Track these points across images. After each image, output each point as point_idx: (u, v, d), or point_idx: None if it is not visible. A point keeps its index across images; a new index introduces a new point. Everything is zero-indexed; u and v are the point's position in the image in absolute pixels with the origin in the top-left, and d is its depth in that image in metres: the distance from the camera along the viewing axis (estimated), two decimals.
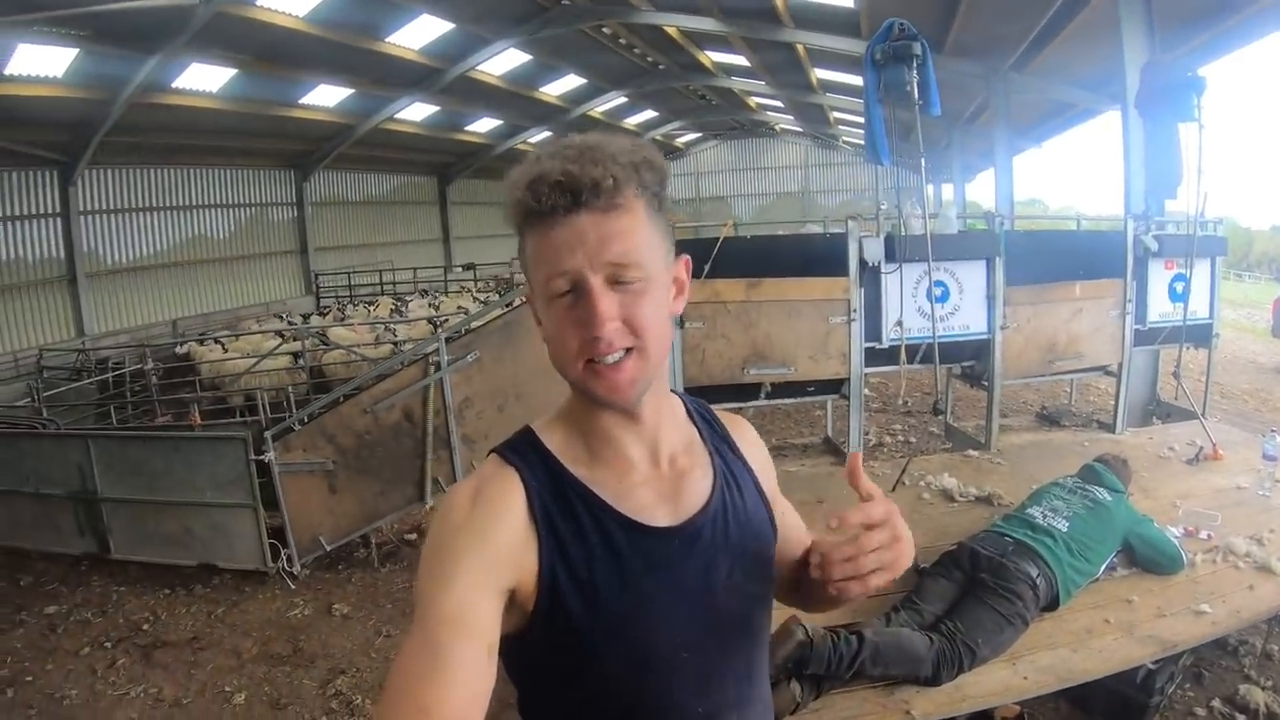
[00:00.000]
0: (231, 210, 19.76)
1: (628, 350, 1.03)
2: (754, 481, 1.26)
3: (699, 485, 1.18)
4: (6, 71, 11.59)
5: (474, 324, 6.47)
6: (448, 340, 5.89)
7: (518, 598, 1.05)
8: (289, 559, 5.96)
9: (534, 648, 1.08)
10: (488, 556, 1.02)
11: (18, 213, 14.48)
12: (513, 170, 1.04)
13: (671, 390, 1.23)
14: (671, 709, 1.12)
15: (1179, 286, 6.28)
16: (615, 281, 1.01)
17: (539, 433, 1.16)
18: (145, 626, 5.52)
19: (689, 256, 1.15)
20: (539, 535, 1.06)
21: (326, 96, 17.50)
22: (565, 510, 1.08)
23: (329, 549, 6.08)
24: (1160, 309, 6.35)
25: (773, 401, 5.76)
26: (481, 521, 1.04)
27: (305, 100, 17.24)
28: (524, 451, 1.13)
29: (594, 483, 1.11)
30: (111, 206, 16.55)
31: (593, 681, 1.09)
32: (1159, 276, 6.32)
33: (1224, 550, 3.73)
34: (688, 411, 1.27)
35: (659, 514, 1.13)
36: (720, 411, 1.33)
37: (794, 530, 1.37)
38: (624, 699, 1.10)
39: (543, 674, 1.12)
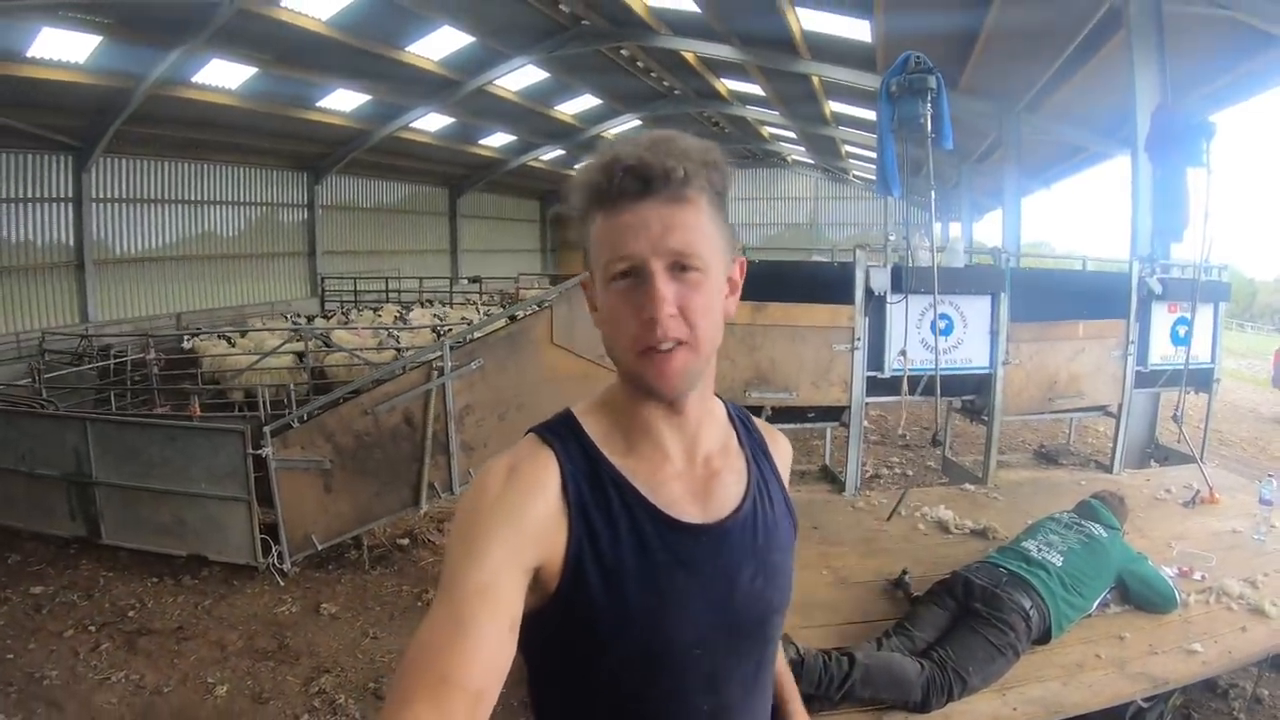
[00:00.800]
0: (242, 208, 19.89)
1: (680, 342, 1.04)
2: (784, 494, 1.28)
3: (731, 488, 1.19)
4: (29, 54, 11.69)
5: (478, 333, 6.48)
6: (452, 348, 5.91)
7: (542, 576, 1.06)
8: (280, 555, 5.93)
9: (551, 628, 1.08)
10: (518, 533, 1.03)
11: (32, 195, 14.57)
12: (587, 158, 1.07)
13: (716, 394, 1.25)
14: (679, 704, 1.13)
15: (1181, 330, 6.30)
16: (675, 270, 1.03)
17: (579, 417, 1.17)
18: (131, 613, 5.50)
19: (745, 259, 1.18)
20: (570, 517, 1.07)
21: (344, 101, 17.65)
22: (598, 495, 1.09)
23: (321, 548, 6.05)
24: (1162, 351, 6.36)
25: (773, 426, 5.74)
26: (515, 498, 1.05)
27: (322, 103, 17.40)
28: (562, 433, 1.14)
29: (628, 472, 1.12)
30: (124, 196, 16.67)
31: (605, 668, 1.09)
32: (1162, 319, 6.34)
33: (1217, 591, 3.73)
34: (729, 415, 1.29)
35: (689, 510, 1.14)
36: (760, 422, 1.36)
37: None
38: (633, 689, 1.10)
39: (556, 655, 1.12)
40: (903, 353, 5.58)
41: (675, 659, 1.10)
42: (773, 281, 5.64)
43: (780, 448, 1.35)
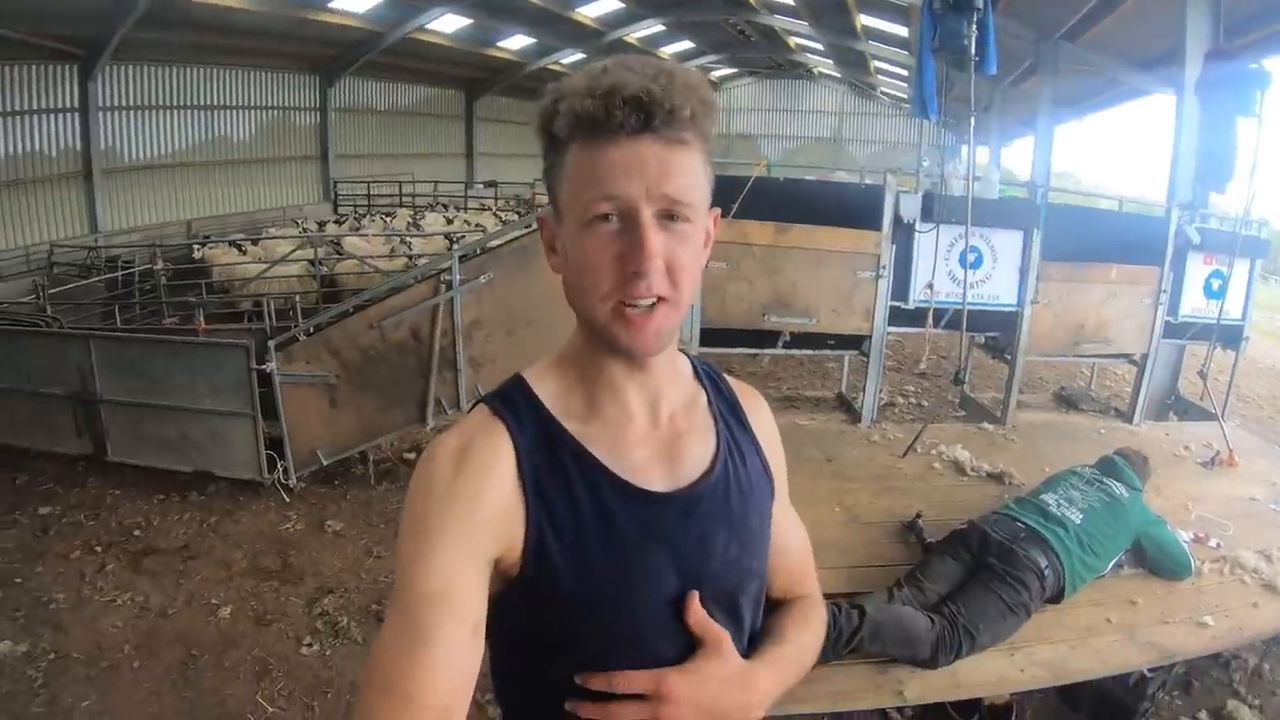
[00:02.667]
0: (253, 112, 19.45)
1: (661, 299, 0.95)
2: (759, 454, 1.19)
3: (699, 450, 1.11)
4: None
5: (491, 244, 6.32)
6: (462, 259, 5.75)
7: (502, 565, 0.99)
8: (285, 471, 5.90)
9: (516, 615, 1.01)
10: (472, 525, 0.95)
11: (36, 106, 14.17)
12: (567, 79, 0.94)
13: (680, 349, 1.16)
14: None
15: (1215, 283, 6.09)
16: (664, 219, 0.93)
17: (531, 381, 1.08)
18: (136, 532, 5.50)
19: (719, 210, 1.07)
20: (527, 498, 0.99)
21: (357, 2, 17.09)
22: (556, 469, 1.01)
23: (326, 463, 6.02)
24: (1193, 304, 6.16)
25: (789, 351, 5.64)
26: (466, 487, 0.97)
27: (335, 4, 16.86)
28: (515, 402, 1.06)
29: (588, 439, 1.04)
30: (131, 103, 16.22)
31: (577, 649, 1.02)
32: (1197, 270, 6.11)
33: (1231, 562, 3.63)
34: (695, 372, 1.19)
35: (654, 475, 1.06)
36: (734, 380, 1.25)
37: (784, 552, 1.30)
38: (609, 666, 1.01)
39: (523, 642, 1.05)
40: (929, 285, 5.42)
41: (650, 632, 1.03)
42: (796, 201, 5.46)
43: (757, 407, 1.25)
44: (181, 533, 5.51)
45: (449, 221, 14.45)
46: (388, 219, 16.81)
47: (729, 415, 1.18)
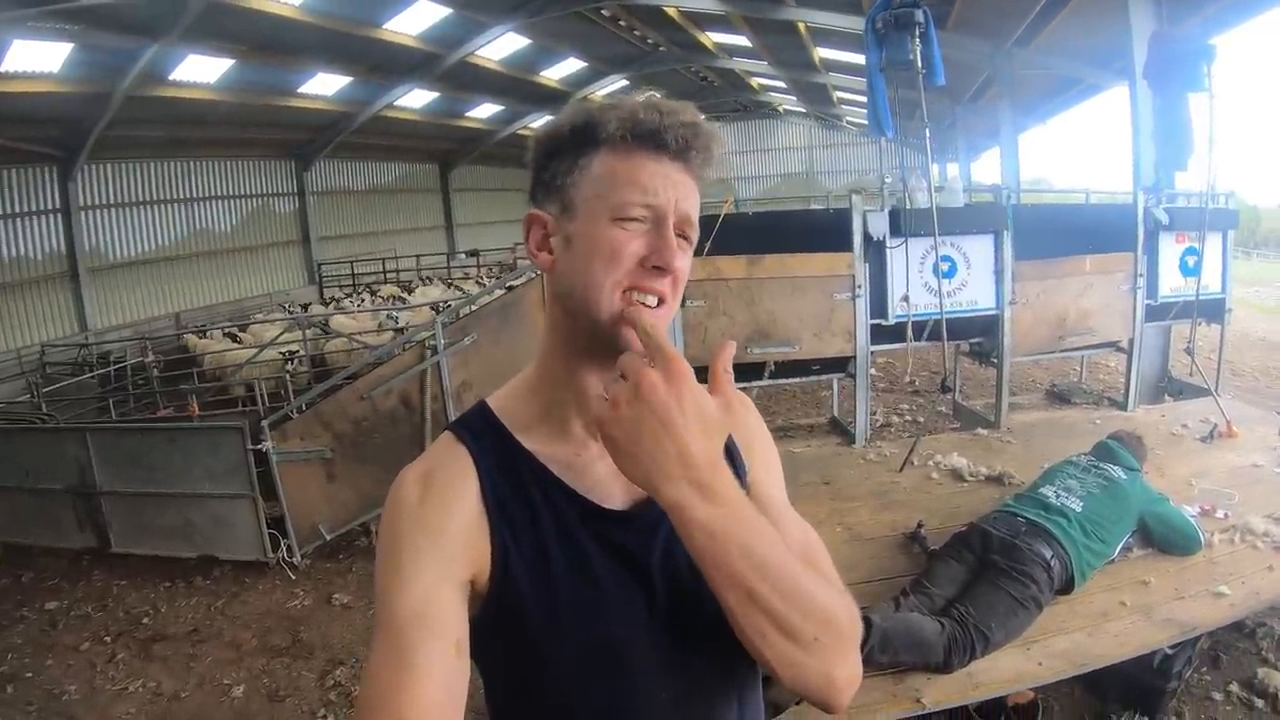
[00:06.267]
0: (233, 201, 19.67)
1: (662, 301, 1.01)
2: (731, 456, 1.13)
3: None
4: (2, 69, 11.48)
5: (472, 306, 6.37)
6: (444, 324, 5.79)
7: (476, 586, 1.00)
8: (289, 549, 5.90)
9: (493, 634, 1.01)
10: (443, 550, 0.97)
11: (18, 210, 14.40)
12: (606, 99, 1.06)
13: None
14: (633, 697, 1.04)
15: (1190, 260, 6.16)
16: (679, 235, 1.02)
17: (493, 406, 1.11)
18: (145, 620, 5.48)
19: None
20: (490, 519, 1.00)
21: (325, 85, 17.39)
22: (518, 490, 1.03)
23: (329, 538, 6.02)
24: (1172, 283, 6.22)
25: (777, 381, 5.65)
26: (433, 512, 0.99)
27: (304, 89, 17.12)
28: (477, 427, 1.08)
29: (549, 458, 1.05)
30: (112, 201, 16.47)
31: (549, 669, 1.03)
32: (1170, 250, 6.18)
33: (1242, 530, 3.64)
34: None
35: (615, 493, 1.06)
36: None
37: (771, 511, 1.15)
38: (587, 686, 1.03)
39: (500, 661, 1.06)
40: (905, 298, 5.45)
41: (621, 652, 1.03)
42: (767, 233, 5.50)
43: (736, 415, 1.19)
44: (190, 617, 5.48)
45: (443, 289, 14.54)
46: (374, 295, 16.89)
47: None
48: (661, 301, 1.01)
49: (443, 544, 0.97)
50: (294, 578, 5.86)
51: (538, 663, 1.02)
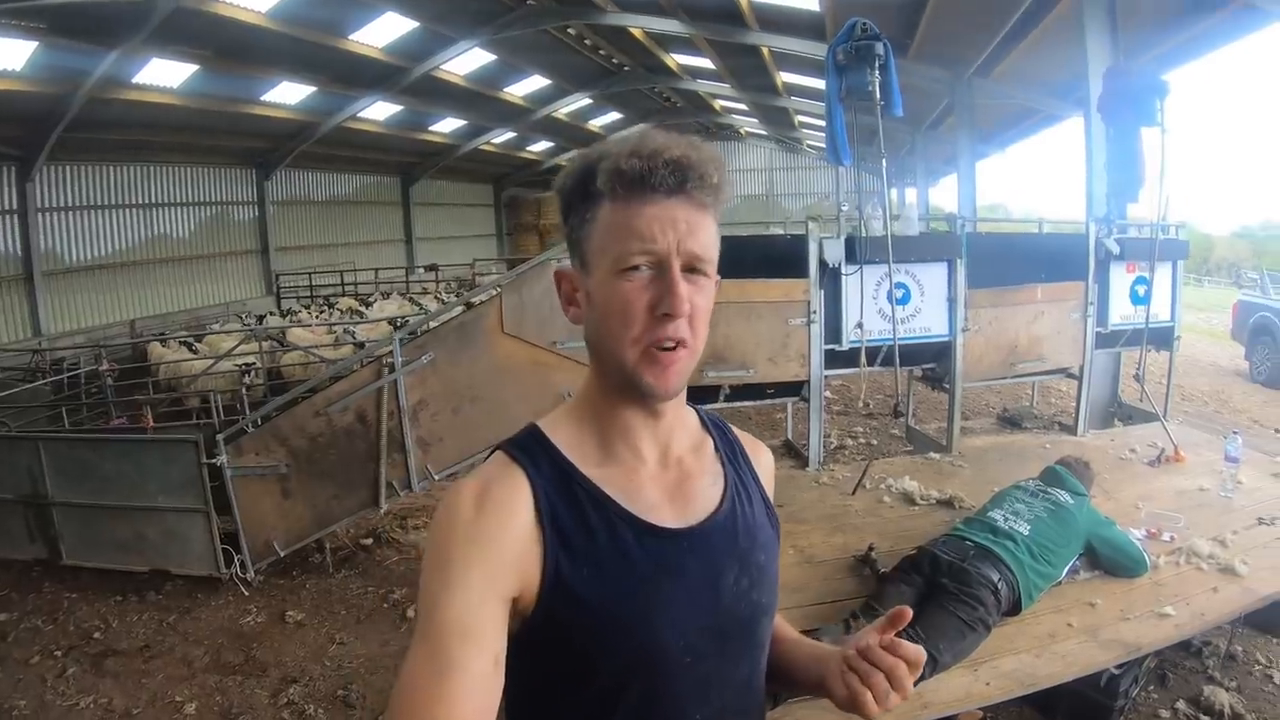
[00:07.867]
0: (192, 209, 19.31)
1: (681, 344, 1.05)
2: (764, 497, 1.28)
3: (709, 490, 1.18)
4: None
5: (431, 324, 6.33)
6: (402, 342, 5.76)
7: (520, 603, 1.03)
8: (242, 564, 5.79)
9: (533, 650, 1.05)
10: (494, 564, 1.01)
11: None
12: (605, 142, 1.08)
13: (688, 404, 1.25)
14: (671, 715, 1.11)
15: (1140, 289, 6.32)
16: (688, 271, 1.04)
17: (545, 429, 1.15)
18: (96, 635, 5.36)
19: (720, 278, 1.17)
20: (544, 536, 1.04)
21: (288, 94, 17.21)
22: (572, 508, 1.07)
23: (283, 554, 5.92)
24: (1122, 311, 6.38)
25: (732, 404, 5.67)
26: (487, 527, 1.02)
27: (267, 97, 16.92)
28: (531, 448, 1.12)
29: (602, 480, 1.11)
30: (70, 204, 16.06)
31: (594, 683, 1.06)
32: (1121, 279, 6.35)
33: (1187, 552, 3.73)
34: (702, 421, 1.29)
35: (666, 513, 1.12)
36: (739, 431, 1.35)
37: None
38: (625, 702, 1.07)
39: (540, 677, 1.09)
40: (859, 325, 5.52)
41: (665, 668, 1.08)
42: (725, 258, 5.50)
43: (761, 456, 1.35)
44: (141, 632, 5.37)
45: (401, 304, 14.40)
46: (332, 308, 16.71)
47: (734, 460, 1.26)
48: (680, 344, 1.04)
49: (493, 558, 1.00)
50: (247, 594, 5.77)
51: (588, 679, 1.06)
